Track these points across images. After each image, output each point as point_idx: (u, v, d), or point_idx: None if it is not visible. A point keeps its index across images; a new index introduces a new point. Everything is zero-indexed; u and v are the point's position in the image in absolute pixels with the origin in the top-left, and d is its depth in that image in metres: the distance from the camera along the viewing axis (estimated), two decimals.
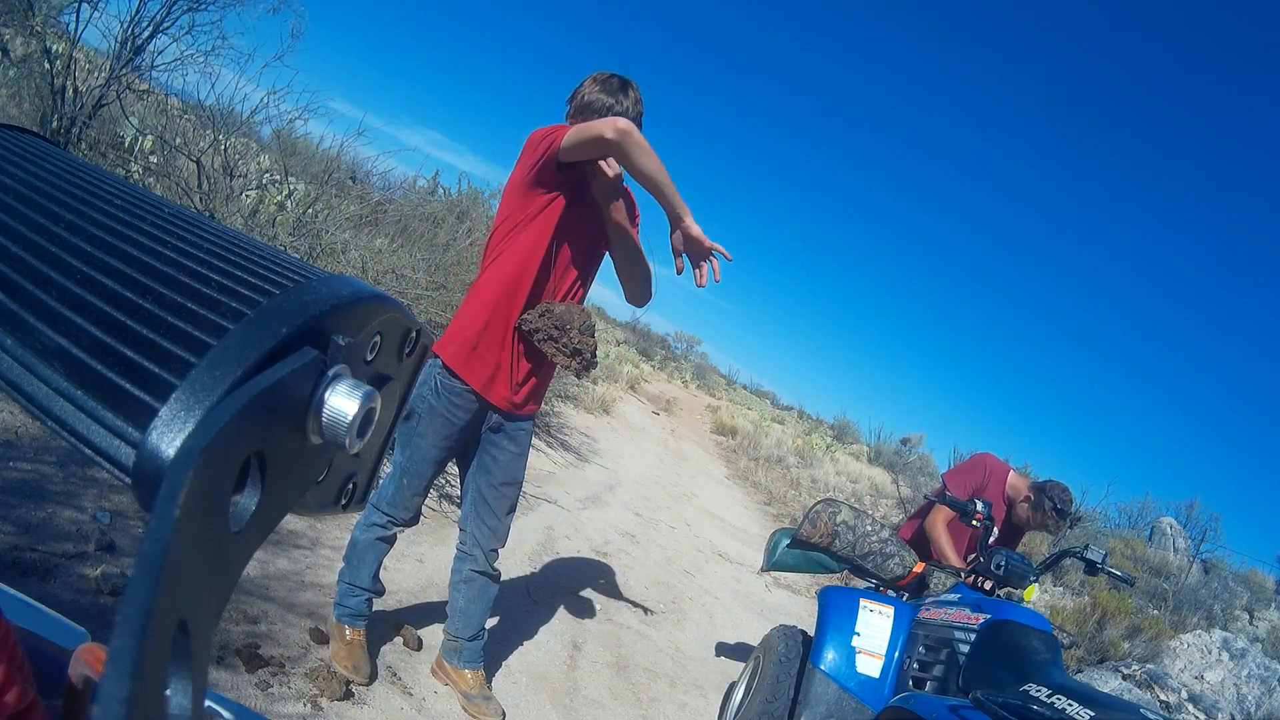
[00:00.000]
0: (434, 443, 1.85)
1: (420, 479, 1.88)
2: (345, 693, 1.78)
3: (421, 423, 1.83)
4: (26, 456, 2.06)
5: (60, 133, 4.20)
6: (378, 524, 1.90)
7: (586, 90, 1.82)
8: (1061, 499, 2.69)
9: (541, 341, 1.76)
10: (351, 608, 1.90)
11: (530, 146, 1.77)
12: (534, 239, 1.77)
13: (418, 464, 1.86)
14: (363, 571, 1.91)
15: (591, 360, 1.79)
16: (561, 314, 1.75)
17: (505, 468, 1.93)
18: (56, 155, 0.29)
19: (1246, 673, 4.56)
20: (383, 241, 4.60)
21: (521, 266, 1.78)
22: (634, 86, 1.82)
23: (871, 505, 8.90)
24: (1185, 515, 12.81)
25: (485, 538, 1.95)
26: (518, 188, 1.80)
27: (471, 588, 1.96)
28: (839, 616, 2.18)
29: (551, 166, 1.72)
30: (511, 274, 1.78)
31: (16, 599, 0.46)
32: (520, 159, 1.80)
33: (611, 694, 2.46)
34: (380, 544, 1.92)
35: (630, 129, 1.58)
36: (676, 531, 4.92)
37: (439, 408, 1.82)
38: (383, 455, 0.29)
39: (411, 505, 1.91)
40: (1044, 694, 1.52)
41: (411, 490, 1.88)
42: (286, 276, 0.24)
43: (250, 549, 0.21)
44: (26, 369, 0.21)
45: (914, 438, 16.16)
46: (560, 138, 1.67)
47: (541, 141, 1.73)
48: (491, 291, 1.80)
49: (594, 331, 1.80)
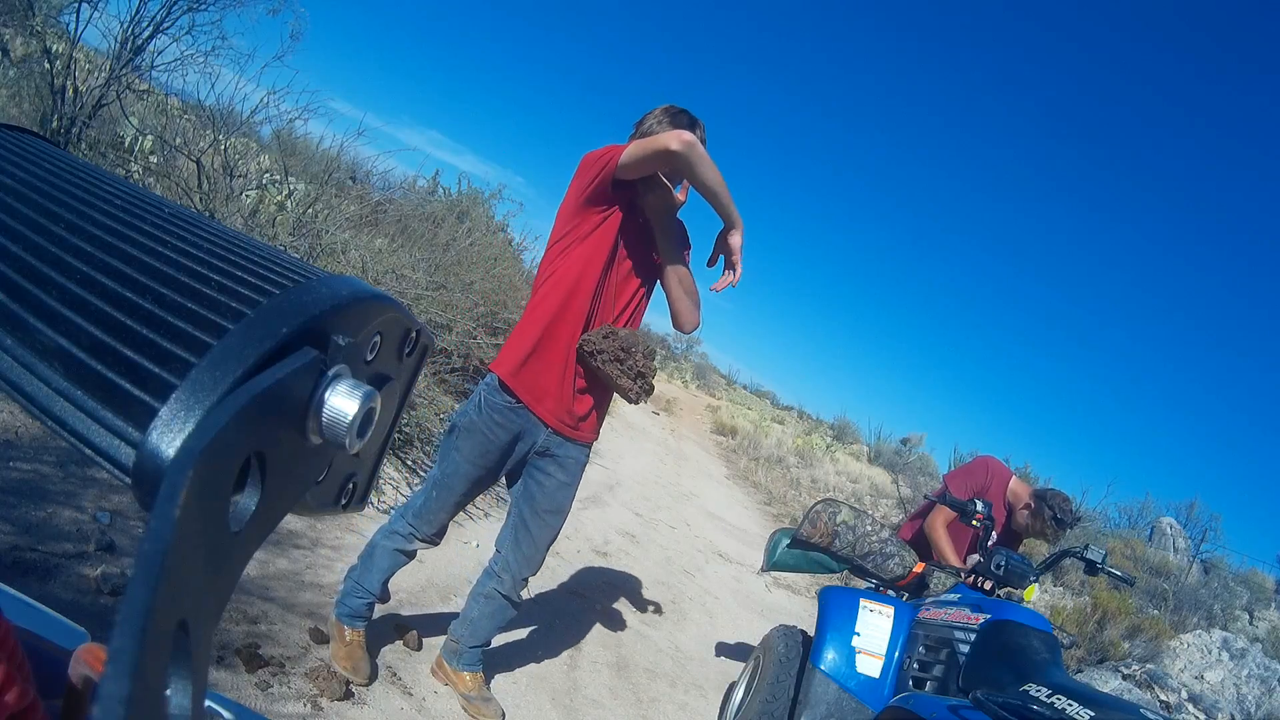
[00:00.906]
0: (468, 458, 1.82)
1: (449, 494, 1.85)
2: (345, 693, 1.78)
3: (460, 437, 1.83)
4: (26, 456, 2.06)
5: (60, 133, 4.20)
6: (399, 533, 1.88)
7: (655, 120, 1.83)
8: (1061, 509, 2.66)
9: (605, 363, 1.74)
10: (352, 608, 1.88)
11: (584, 167, 1.78)
12: (587, 257, 1.78)
13: (449, 478, 1.84)
14: (373, 576, 1.88)
15: (651, 385, 1.79)
16: (626, 337, 1.76)
17: (551, 495, 1.89)
18: (56, 155, 0.29)
19: (1246, 673, 4.56)
20: (383, 241, 4.60)
21: (574, 285, 1.78)
22: (701, 125, 1.82)
23: (871, 505, 8.90)
24: (1185, 515, 12.82)
25: (519, 565, 1.91)
26: (571, 207, 1.81)
27: (490, 604, 1.94)
28: (839, 616, 2.18)
29: (607, 185, 1.73)
30: (564, 292, 1.78)
31: (16, 599, 0.46)
32: (574, 180, 1.82)
33: (611, 694, 2.46)
34: (398, 555, 1.89)
35: (694, 141, 1.62)
36: (676, 531, 4.92)
37: (479, 423, 1.81)
38: (383, 455, 0.28)
39: (436, 521, 1.87)
40: (1044, 694, 1.52)
41: (439, 505, 1.85)
42: (286, 276, 0.24)
43: (250, 549, 0.21)
44: (26, 369, 0.21)
45: (914, 438, 16.17)
46: (617, 155, 1.69)
47: (596, 161, 1.75)
48: (545, 309, 1.79)
49: (654, 356, 1.81)
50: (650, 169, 1.69)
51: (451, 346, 4.03)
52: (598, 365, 1.75)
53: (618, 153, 1.69)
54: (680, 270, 1.84)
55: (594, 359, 1.75)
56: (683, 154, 1.61)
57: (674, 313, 1.91)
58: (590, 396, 1.86)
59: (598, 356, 1.75)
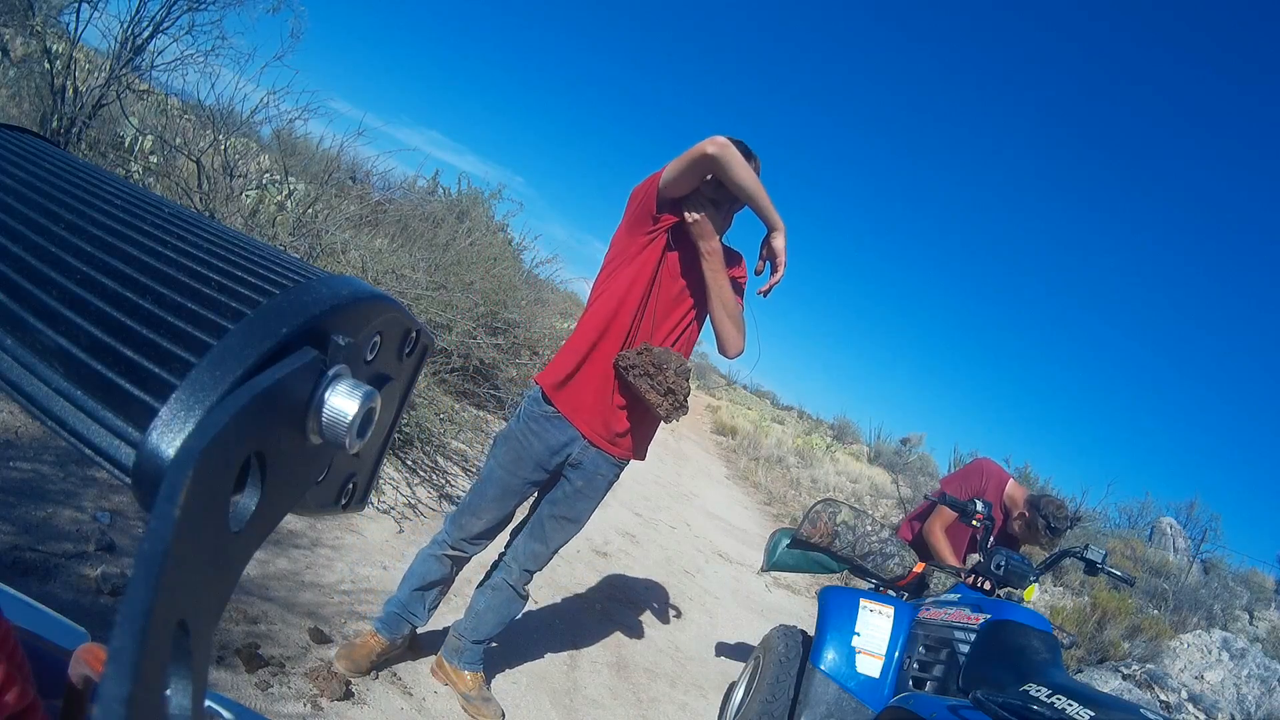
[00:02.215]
0: (502, 464, 1.87)
1: (481, 499, 1.89)
2: (345, 693, 1.78)
3: (499, 445, 1.90)
4: (26, 456, 2.06)
5: (60, 133, 4.20)
6: (437, 541, 1.93)
7: None
8: (1055, 516, 2.63)
9: (636, 377, 1.77)
10: (382, 615, 1.93)
11: (634, 198, 1.85)
12: (631, 278, 1.83)
13: (483, 484, 1.89)
14: (406, 582, 1.94)
15: (683, 404, 1.81)
16: (659, 354, 1.78)
17: (570, 503, 1.93)
18: (56, 155, 0.29)
19: (1246, 673, 4.56)
20: (383, 241, 4.61)
21: (618, 305, 1.82)
22: (757, 159, 1.82)
23: (871, 505, 8.90)
24: (1185, 515, 12.83)
25: (526, 557, 1.95)
26: (622, 233, 1.88)
27: (497, 596, 1.96)
28: (839, 616, 2.18)
29: (651, 209, 1.79)
30: (609, 311, 1.83)
31: (16, 599, 0.46)
32: (626, 210, 1.89)
33: (611, 694, 2.46)
34: (429, 560, 1.93)
35: (728, 144, 1.65)
36: (676, 531, 4.92)
37: (516, 432, 1.87)
38: (383, 455, 0.28)
39: (469, 528, 1.90)
40: (1044, 694, 1.52)
41: (472, 511, 1.89)
42: (286, 276, 0.24)
43: (250, 549, 0.21)
44: (26, 369, 0.21)
45: (914, 438, 16.18)
46: (660, 177, 1.75)
47: (642, 186, 1.82)
48: (590, 327, 1.85)
49: (689, 376, 1.82)
50: (692, 178, 1.72)
51: (451, 346, 4.03)
52: (630, 380, 1.78)
53: (659, 177, 1.76)
54: (724, 294, 1.84)
55: (627, 374, 1.78)
56: (718, 156, 1.64)
57: (718, 336, 1.92)
58: (631, 414, 1.88)
59: (630, 371, 1.77)
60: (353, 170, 6.24)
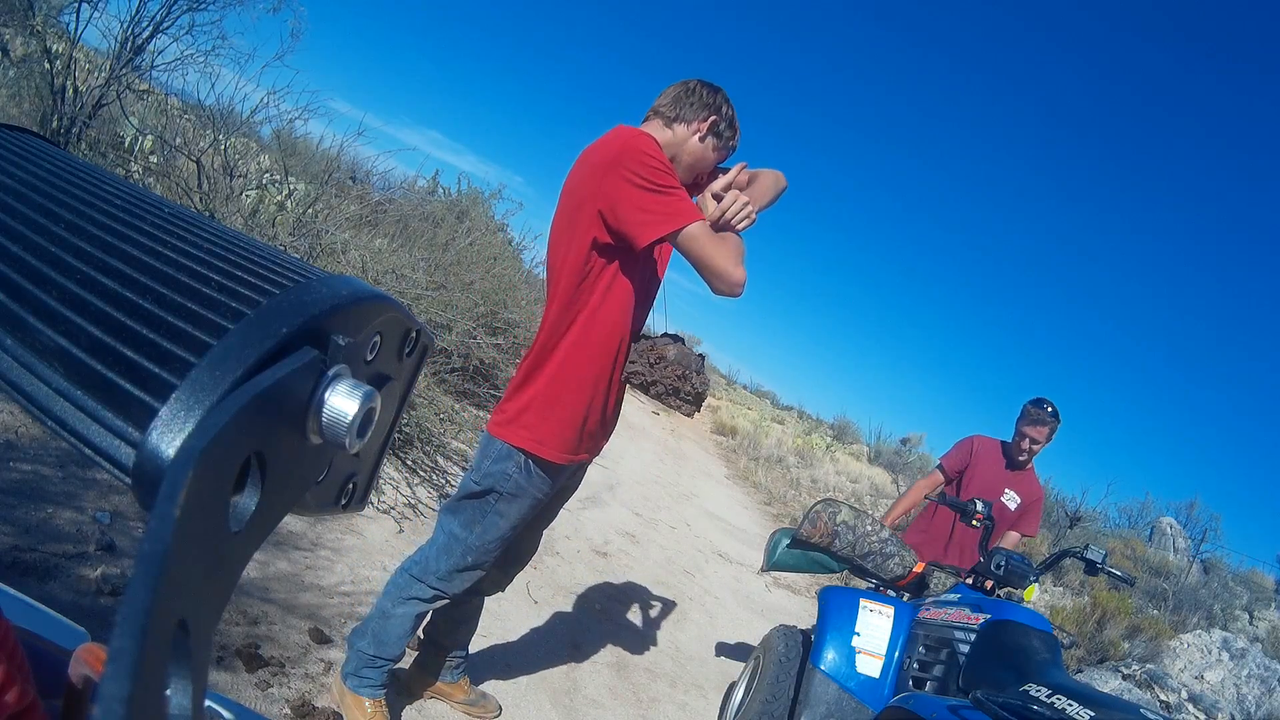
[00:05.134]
0: (514, 522, 1.64)
1: (488, 556, 1.66)
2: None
3: (502, 501, 1.61)
4: (26, 456, 2.06)
5: (60, 133, 4.20)
6: (420, 598, 1.66)
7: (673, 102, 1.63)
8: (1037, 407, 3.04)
9: (661, 395, 1.64)
10: (371, 680, 1.67)
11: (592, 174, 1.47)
12: (620, 306, 1.57)
13: (490, 543, 1.64)
14: (391, 645, 1.66)
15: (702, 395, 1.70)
16: (676, 359, 1.62)
17: (554, 513, 1.86)
18: (56, 155, 0.29)
19: (1246, 673, 4.56)
20: (383, 241, 4.60)
21: (616, 338, 1.58)
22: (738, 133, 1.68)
23: (871, 505, 8.90)
24: (1185, 515, 12.83)
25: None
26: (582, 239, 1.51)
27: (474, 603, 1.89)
28: (839, 616, 2.18)
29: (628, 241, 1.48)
30: (607, 349, 1.58)
31: (16, 599, 0.46)
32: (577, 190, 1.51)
33: (611, 694, 2.46)
34: (420, 619, 1.70)
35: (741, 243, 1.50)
36: (676, 531, 4.92)
37: (528, 488, 1.61)
38: (383, 455, 0.28)
39: (468, 580, 1.68)
40: (1044, 694, 1.52)
41: (475, 567, 1.67)
42: (286, 276, 0.24)
43: (250, 549, 0.21)
44: (26, 369, 0.21)
45: (914, 438, 16.17)
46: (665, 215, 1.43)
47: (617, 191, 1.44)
48: (589, 369, 1.58)
49: (702, 365, 1.70)
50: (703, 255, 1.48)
51: (451, 346, 4.03)
52: (652, 396, 1.64)
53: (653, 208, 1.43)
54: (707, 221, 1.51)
55: (647, 391, 1.64)
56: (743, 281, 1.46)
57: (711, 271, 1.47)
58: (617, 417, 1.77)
59: (652, 388, 1.63)
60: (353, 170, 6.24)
